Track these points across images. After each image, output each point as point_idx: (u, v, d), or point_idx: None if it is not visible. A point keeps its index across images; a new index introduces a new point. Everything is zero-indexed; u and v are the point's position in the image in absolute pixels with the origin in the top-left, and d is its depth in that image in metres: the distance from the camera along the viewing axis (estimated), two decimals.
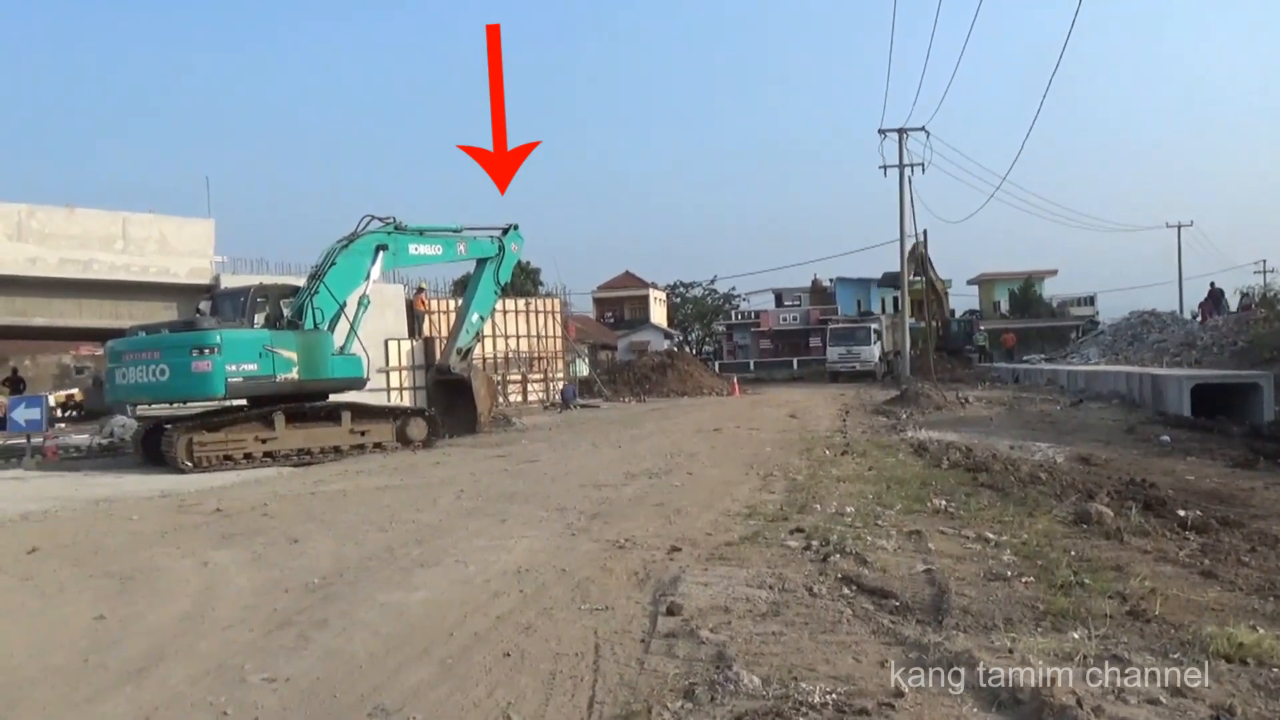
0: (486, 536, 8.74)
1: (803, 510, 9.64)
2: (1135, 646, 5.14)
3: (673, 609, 5.93)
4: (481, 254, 21.79)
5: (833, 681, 4.61)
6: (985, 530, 8.51)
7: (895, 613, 5.90)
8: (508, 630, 5.71)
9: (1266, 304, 36.19)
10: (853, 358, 48.37)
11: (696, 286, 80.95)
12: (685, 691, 4.55)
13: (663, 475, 12.83)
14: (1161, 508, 9.71)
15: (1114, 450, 15.79)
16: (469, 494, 11.57)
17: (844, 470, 12.89)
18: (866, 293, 69.46)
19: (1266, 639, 5.17)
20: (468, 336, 21.97)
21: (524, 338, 32.40)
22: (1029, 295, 69.93)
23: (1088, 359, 42.64)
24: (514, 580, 6.97)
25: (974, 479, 11.88)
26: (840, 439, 17.62)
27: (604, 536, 8.54)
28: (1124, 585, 6.44)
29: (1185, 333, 39.82)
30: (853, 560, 7.28)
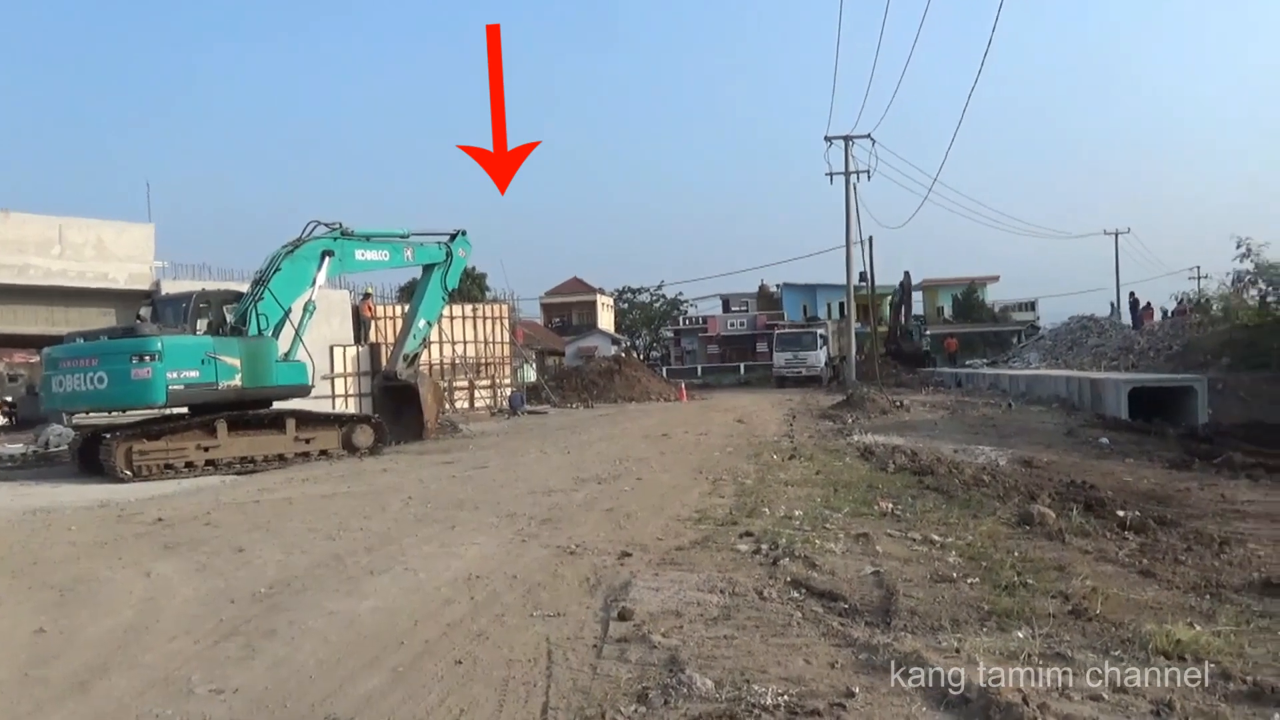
0: (436, 543, 8.68)
1: (752, 514, 9.72)
2: (1078, 645, 5.27)
3: (624, 614, 5.95)
4: (429, 259, 21.62)
5: (784, 683, 4.66)
6: (931, 532, 8.64)
7: (844, 615, 5.99)
8: (459, 637, 5.69)
9: (1201, 309, 37.12)
10: (799, 363, 48.76)
11: (644, 292, 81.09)
12: (639, 696, 4.57)
13: (612, 480, 12.84)
14: (1101, 508, 9.94)
15: (1055, 453, 16.10)
16: (417, 501, 11.48)
17: (792, 474, 13.01)
18: (813, 298, 69.99)
19: (1203, 636, 5.32)
20: (415, 342, 21.79)
21: (471, 344, 32.17)
22: (971, 301, 70.87)
23: (1029, 363, 43.45)
24: (465, 587, 6.94)
25: (919, 482, 12.07)
26: (788, 444, 17.77)
27: (554, 542, 8.53)
28: (1066, 585, 6.60)
29: (1123, 337, 40.75)
30: (802, 563, 7.36)
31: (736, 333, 71.47)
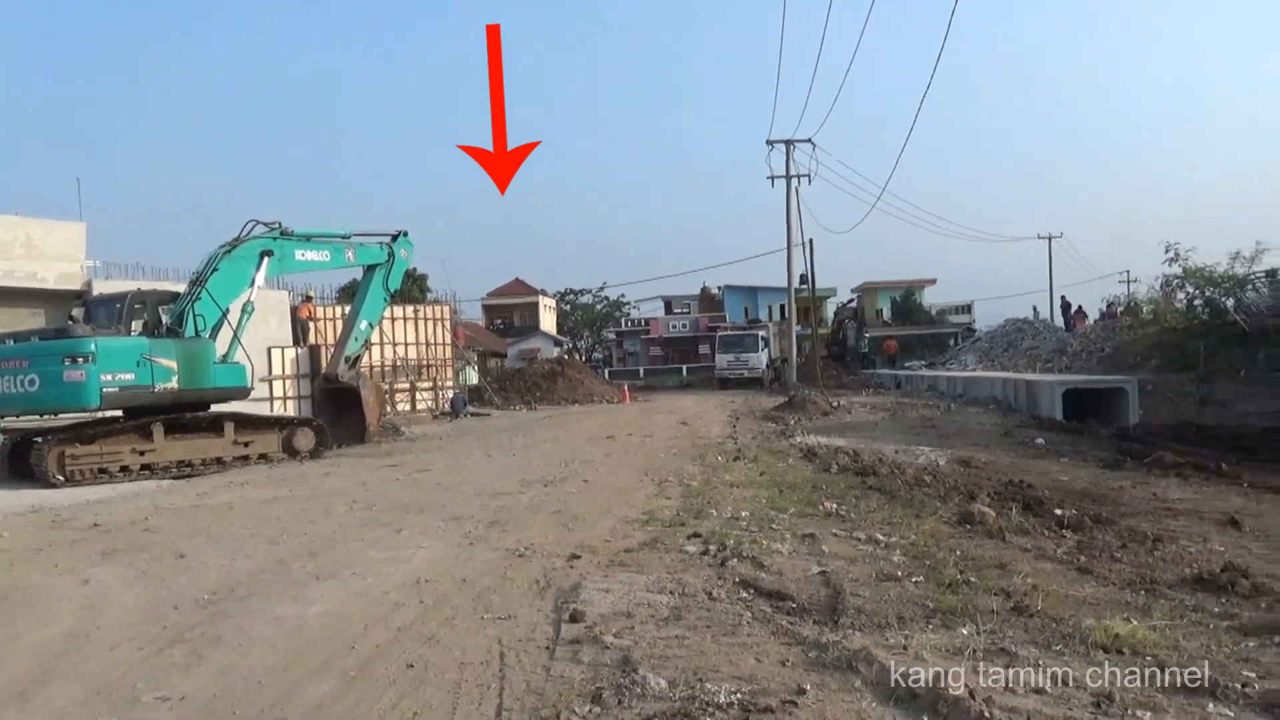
0: (383, 547, 8.61)
1: (699, 516, 9.78)
2: (1021, 640, 5.40)
3: (576, 616, 5.96)
4: (370, 260, 21.41)
5: (737, 682, 4.71)
6: (875, 532, 8.77)
7: (793, 614, 6.06)
8: (410, 641, 5.66)
9: (1131, 313, 38.09)
10: (741, 365, 49.09)
11: (586, 294, 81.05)
12: (593, 696, 4.59)
13: (558, 483, 12.82)
14: (1039, 507, 10.16)
15: (993, 453, 16.41)
16: (362, 505, 11.36)
17: (737, 476, 13.11)
18: (754, 301, 70.46)
19: (1140, 630, 5.48)
20: (356, 344, 21.56)
21: (413, 345, 31.87)
22: (910, 303, 71.82)
23: (966, 365, 44.21)
24: (414, 591, 6.90)
25: (863, 482, 12.23)
26: (732, 445, 17.89)
27: (503, 545, 8.51)
28: (1007, 582, 6.75)
29: (1057, 340, 41.65)
30: (750, 564, 7.44)
31: (679, 335, 71.65)
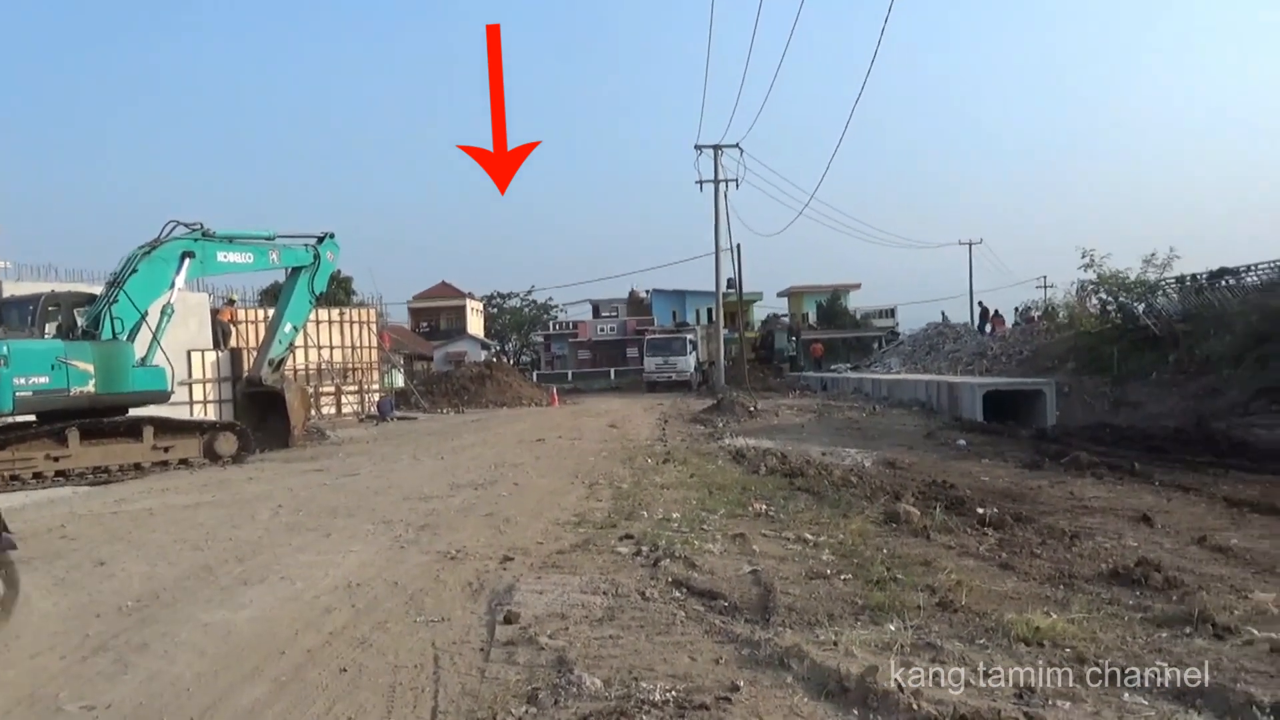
0: (311, 552, 8.50)
1: (630, 517, 9.83)
2: (946, 634, 5.54)
3: (510, 617, 5.97)
4: (295, 262, 21.06)
5: (671, 680, 4.76)
6: (804, 532, 8.91)
7: (725, 612, 6.14)
8: (342, 645, 5.61)
9: (1048, 317, 39.13)
10: (669, 368, 49.31)
11: (514, 297, 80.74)
12: (529, 697, 4.60)
13: (489, 486, 12.77)
14: (962, 506, 10.40)
15: (917, 454, 16.73)
16: (288, 509, 11.19)
17: (667, 478, 13.19)
18: (682, 304, 70.89)
19: (1059, 623, 5.66)
20: (280, 347, 21.19)
21: (338, 349, 31.41)
22: (835, 307, 73.03)
23: (890, 368, 44.98)
24: (345, 595, 6.83)
25: (791, 484, 12.40)
26: (661, 447, 17.98)
27: (434, 548, 8.47)
28: (933, 579, 6.91)
29: (977, 343, 42.59)
30: (682, 564, 7.51)
31: (607, 338, 71.81)
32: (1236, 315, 25.53)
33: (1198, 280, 29.11)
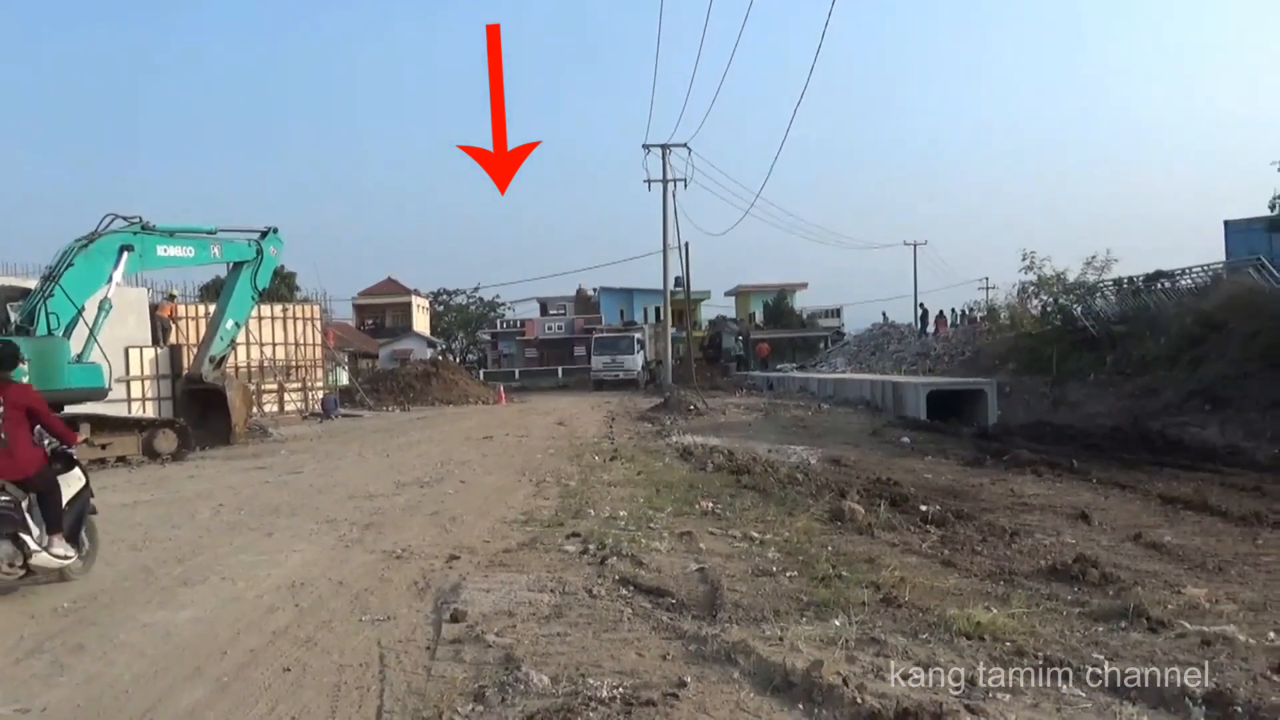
0: (253, 551, 8.39)
1: (577, 515, 9.83)
2: (890, 629, 5.61)
3: (456, 615, 5.94)
4: (238, 257, 20.74)
5: (619, 676, 4.77)
6: (751, 529, 8.98)
7: (672, 610, 6.17)
8: (286, 645, 5.54)
9: (990, 318, 39.77)
10: (617, 366, 49.37)
11: (460, 294, 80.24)
12: (476, 695, 4.59)
13: (435, 484, 12.69)
14: (905, 504, 10.55)
15: (861, 452, 16.91)
16: (230, 508, 11.03)
17: (614, 476, 13.20)
18: (630, 303, 70.93)
19: (999, 618, 5.77)
20: (222, 344, 20.86)
21: (281, 345, 30.96)
22: (782, 307, 73.50)
23: (836, 367, 45.45)
24: (288, 595, 6.75)
25: (737, 481, 12.48)
26: (608, 445, 17.99)
27: (379, 547, 8.40)
28: (877, 575, 7.00)
29: (921, 343, 43.19)
30: (629, 562, 7.53)
31: (554, 336, 71.59)
32: (1171, 318, 26.18)
33: (1135, 283, 29.79)
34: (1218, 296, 24.96)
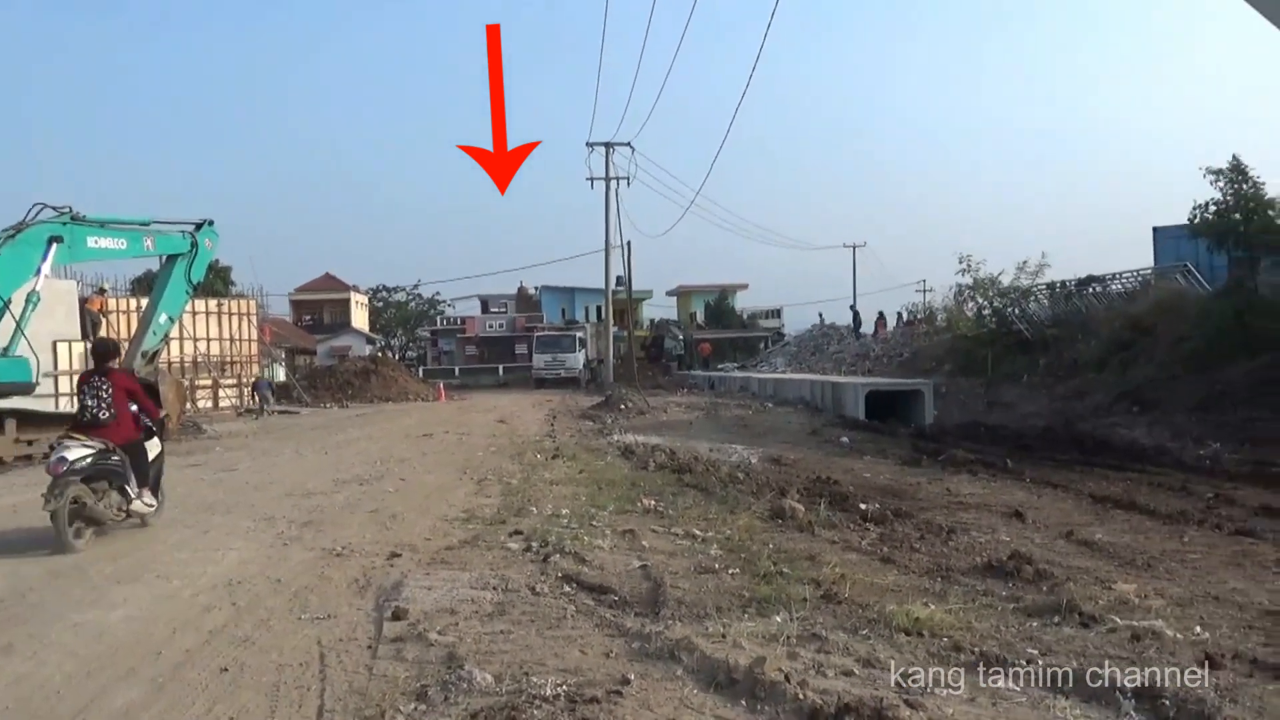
0: (189, 549, 8.23)
1: (520, 513, 9.80)
2: (830, 626, 5.68)
3: (398, 614, 5.89)
4: (172, 250, 20.22)
5: (563, 674, 4.76)
6: (693, 527, 9.02)
7: (615, 607, 6.18)
8: (223, 644, 5.45)
9: (928, 320, 40.39)
10: (558, 365, 49.29)
11: (400, 291, 79.46)
12: (418, 694, 4.55)
13: (375, 481, 12.57)
14: (845, 502, 10.67)
15: (801, 451, 17.06)
16: (163, 505, 10.78)
17: (556, 474, 13.18)
18: (571, 301, 70.84)
19: (937, 614, 5.87)
20: (154, 339, 20.33)
21: (216, 341, 30.46)
22: (723, 307, 73.88)
23: (776, 367, 45.83)
24: (225, 593, 6.64)
25: (679, 480, 12.53)
26: (550, 443, 17.95)
27: (318, 545, 8.30)
28: (817, 572, 7.08)
29: (860, 344, 43.72)
30: (572, 559, 7.53)
31: (495, 334, 71.24)
32: (1102, 322, 26.85)
33: (1067, 287, 30.47)
34: (1146, 301, 25.67)
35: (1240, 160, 22.36)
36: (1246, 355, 19.68)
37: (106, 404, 8.88)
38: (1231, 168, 22.36)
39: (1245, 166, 22.32)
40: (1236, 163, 22.35)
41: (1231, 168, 22.36)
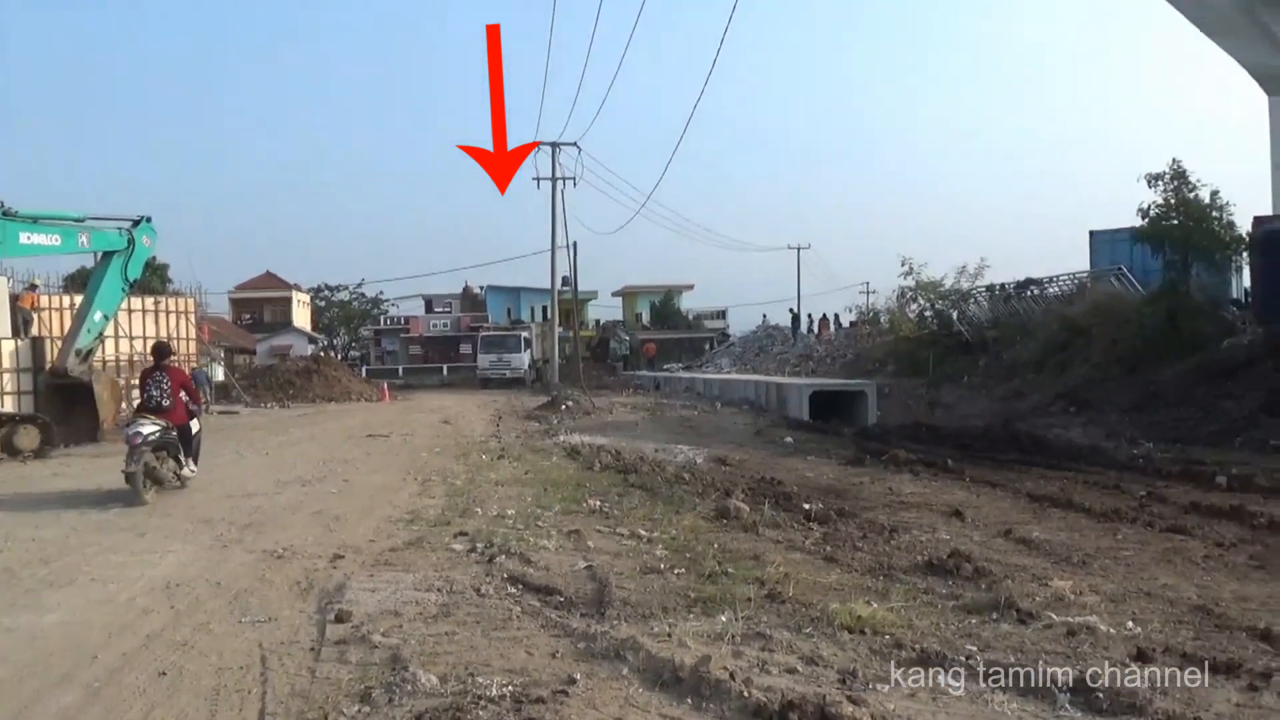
0: (125, 552, 8.08)
1: (465, 514, 9.76)
2: (774, 624, 5.74)
3: (341, 616, 5.84)
4: (108, 246, 19.86)
5: (508, 675, 4.76)
6: (638, 528, 9.05)
7: (561, 607, 6.18)
8: (161, 648, 5.37)
9: (871, 322, 40.87)
10: (504, 365, 49.08)
11: (343, 290, 78.47)
12: (362, 696, 4.52)
13: (317, 483, 12.43)
14: (789, 502, 10.76)
15: (746, 451, 17.17)
16: (97, 508, 10.58)
17: (501, 474, 13.14)
18: (517, 301, 70.58)
19: (879, 612, 5.95)
20: (89, 337, 19.95)
21: (152, 339, 29.79)
22: (668, 308, 74.07)
23: (721, 368, 46.05)
24: (163, 596, 6.53)
25: (625, 480, 12.56)
26: (495, 444, 17.88)
27: (259, 547, 8.19)
28: (762, 572, 7.14)
29: (804, 345, 44.09)
30: (517, 560, 7.52)
31: (439, 334, 70.75)
32: (1040, 324, 27.39)
33: (1006, 289, 31.05)
34: (1083, 304, 26.22)
35: (1180, 165, 22.91)
36: (1178, 356, 20.20)
37: (166, 393, 11.48)
38: (1172, 173, 22.88)
39: (1185, 171, 22.87)
40: (1177, 168, 22.89)
41: (1172, 173, 22.88)
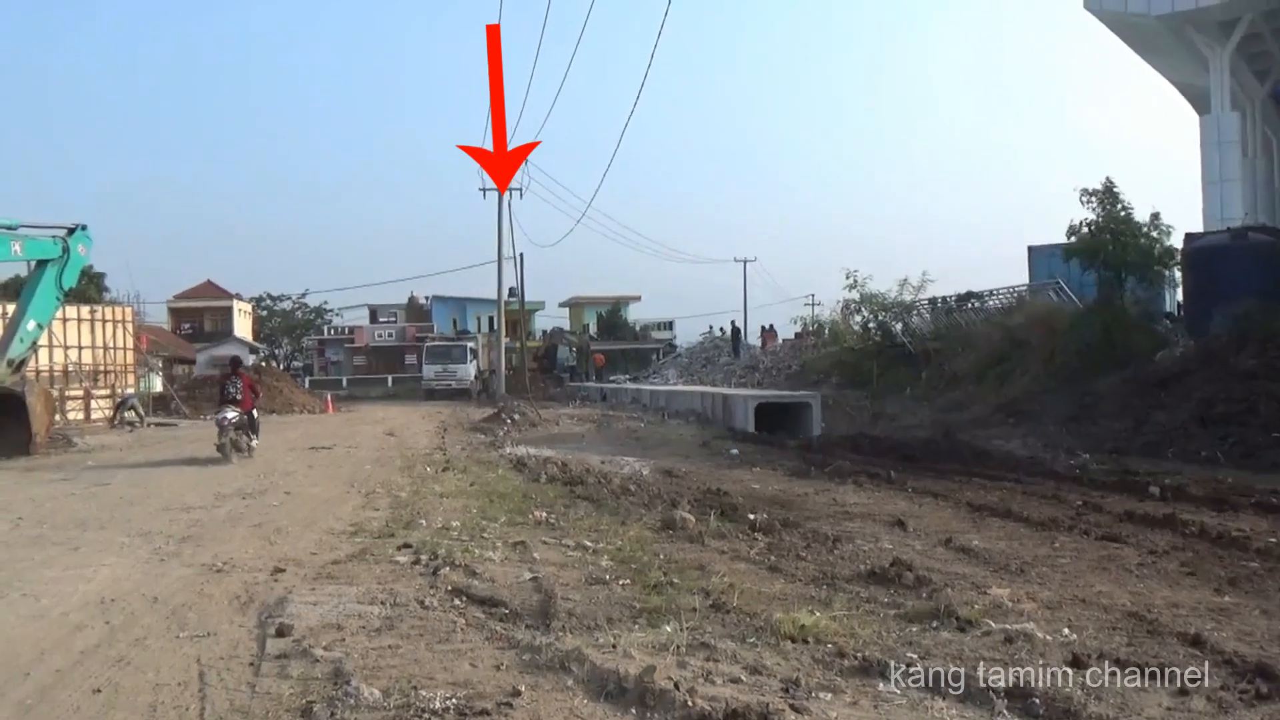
0: (58, 566, 7.90)
1: (409, 526, 9.68)
2: (719, 634, 5.76)
3: (282, 630, 5.76)
4: (42, 255, 19.50)
5: (452, 687, 4.73)
6: (584, 539, 9.04)
7: (506, 619, 6.16)
8: (96, 665, 5.25)
9: (816, 334, 41.27)
10: (449, 375, 48.70)
11: (286, 299, 77.49)
12: (303, 711, 4.47)
13: (258, 495, 12.24)
14: (735, 513, 10.81)
15: (692, 463, 17.23)
16: (30, 521, 10.34)
17: (447, 486, 13.06)
18: (463, 312, 70.27)
19: (822, 620, 6.00)
20: (22, 346, 19.54)
21: (88, 349, 29.25)
22: (615, 319, 74.26)
23: (668, 380, 46.15)
24: (97, 611, 6.40)
25: (571, 492, 12.54)
26: (440, 456, 17.76)
27: (198, 560, 8.05)
28: (707, 582, 7.16)
29: (750, 357, 44.42)
30: (462, 572, 7.48)
31: (384, 344, 70.25)
32: (980, 336, 27.86)
33: (948, 302, 31.56)
34: (1021, 316, 26.74)
35: (1113, 183, 23.51)
36: (1114, 369, 20.67)
37: (239, 390, 16.99)
38: (1105, 190, 23.47)
39: (1116, 189, 23.48)
40: (1109, 185, 23.48)
41: (1105, 190, 23.47)
